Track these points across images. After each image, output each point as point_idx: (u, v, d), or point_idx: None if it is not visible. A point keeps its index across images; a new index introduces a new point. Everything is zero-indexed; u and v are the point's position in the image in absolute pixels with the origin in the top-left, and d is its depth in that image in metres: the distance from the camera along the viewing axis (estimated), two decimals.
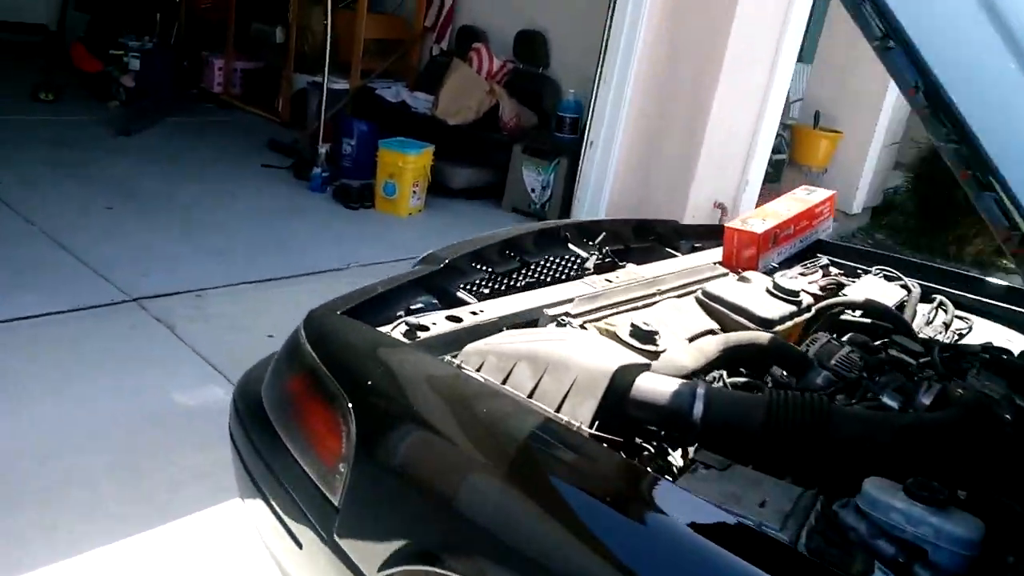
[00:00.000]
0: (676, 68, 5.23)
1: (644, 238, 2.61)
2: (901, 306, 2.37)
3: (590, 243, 2.36)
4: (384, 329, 1.63)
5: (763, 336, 1.79)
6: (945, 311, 2.39)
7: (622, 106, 5.32)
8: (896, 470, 1.34)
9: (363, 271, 4.60)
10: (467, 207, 6.09)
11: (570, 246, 2.33)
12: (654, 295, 2.07)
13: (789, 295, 2.14)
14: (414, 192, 5.70)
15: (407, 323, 1.61)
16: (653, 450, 1.46)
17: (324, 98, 6.03)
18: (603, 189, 5.55)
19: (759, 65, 5.32)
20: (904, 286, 2.50)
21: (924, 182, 7.56)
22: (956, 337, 2.30)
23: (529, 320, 1.82)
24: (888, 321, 2.15)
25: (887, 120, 7.34)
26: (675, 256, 2.56)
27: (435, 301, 1.87)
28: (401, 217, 5.65)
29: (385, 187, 5.65)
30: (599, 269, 2.24)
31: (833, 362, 1.81)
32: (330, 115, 6.14)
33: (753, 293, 2.13)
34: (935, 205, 7.38)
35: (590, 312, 1.87)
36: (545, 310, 1.81)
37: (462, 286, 1.98)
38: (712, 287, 2.12)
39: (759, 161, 5.70)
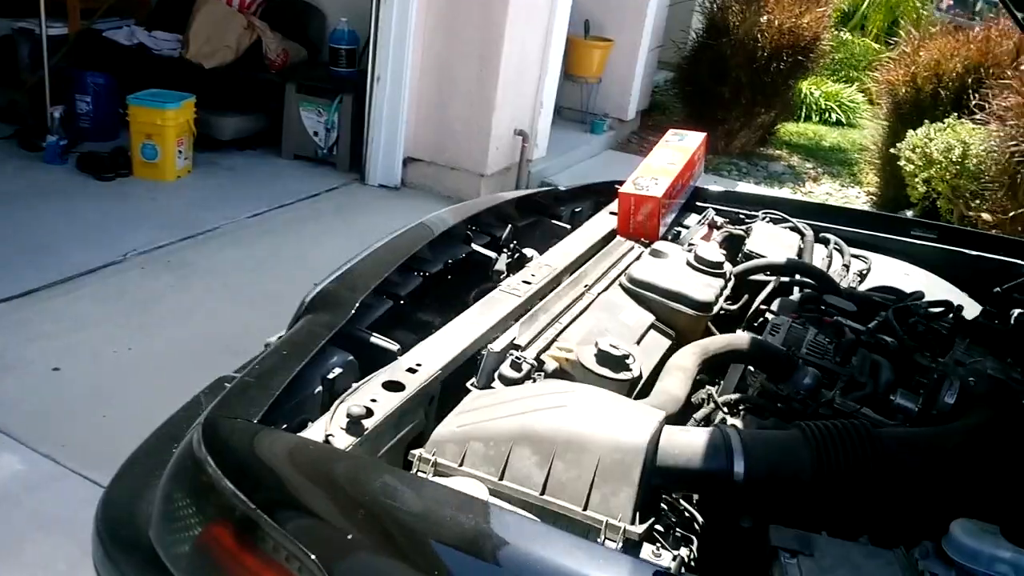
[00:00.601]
0: None
1: (527, 213, 2.30)
2: (799, 253, 2.27)
3: (494, 236, 2.03)
4: (317, 429, 1.22)
5: (740, 339, 1.58)
6: (841, 252, 2.32)
7: (407, 34, 4.86)
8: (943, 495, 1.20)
9: (149, 260, 3.90)
10: (242, 160, 5.39)
11: (473, 246, 1.97)
12: (583, 293, 1.79)
13: (713, 267, 1.95)
14: (179, 151, 4.93)
15: (348, 414, 1.22)
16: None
17: (45, 47, 4.99)
18: (398, 127, 5.11)
19: None
20: (794, 228, 2.41)
21: (687, 82, 7.77)
22: (858, 279, 2.24)
23: (473, 360, 1.48)
24: (812, 278, 2.03)
25: (652, 23, 7.39)
26: (566, 228, 2.30)
27: (350, 358, 1.46)
28: (168, 182, 4.88)
29: (143, 150, 4.83)
30: (510, 268, 1.91)
31: (804, 350, 1.65)
32: (50, 66, 5.10)
33: (676, 271, 1.92)
34: (699, 103, 7.64)
35: (536, 337, 1.56)
36: (490, 346, 1.48)
37: (370, 329, 1.58)
38: (636, 272, 1.88)
39: (551, 81, 5.50)
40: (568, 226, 2.33)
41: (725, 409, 1.47)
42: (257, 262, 4.06)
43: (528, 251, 2.02)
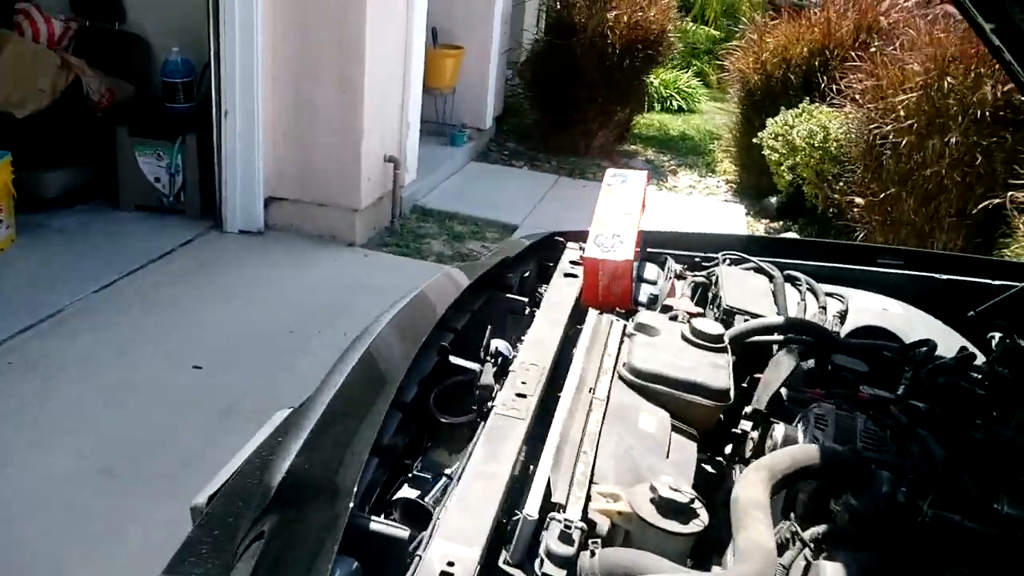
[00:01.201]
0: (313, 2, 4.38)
1: (479, 291, 1.97)
2: (775, 298, 2.07)
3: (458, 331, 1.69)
4: None
5: (807, 453, 1.32)
6: (814, 292, 2.13)
7: (255, 60, 4.36)
8: None
9: None
10: (75, 219, 4.70)
11: (452, 359, 1.62)
12: (591, 405, 1.49)
13: (714, 341, 1.70)
14: None
15: None
16: None
17: None
18: (254, 164, 4.60)
19: None
20: (758, 269, 2.21)
21: (539, 84, 7.59)
22: (838, 320, 2.06)
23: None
24: (811, 335, 1.82)
25: (499, 27, 7.16)
26: (522, 302, 1.99)
27: (355, 564, 1.10)
28: None
29: None
30: (497, 376, 1.58)
31: (859, 445, 1.43)
32: None
33: (677, 351, 1.66)
34: (553, 105, 7.48)
35: (570, 482, 1.26)
36: (525, 512, 1.16)
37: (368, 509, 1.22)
38: (638, 362, 1.61)
39: (415, 97, 5.15)
40: (524, 299, 2.02)
41: (812, 546, 1.22)
42: (120, 347, 3.49)
43: (500, 345, 1.70)
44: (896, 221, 5.45)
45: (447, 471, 1.44)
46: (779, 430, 1.48)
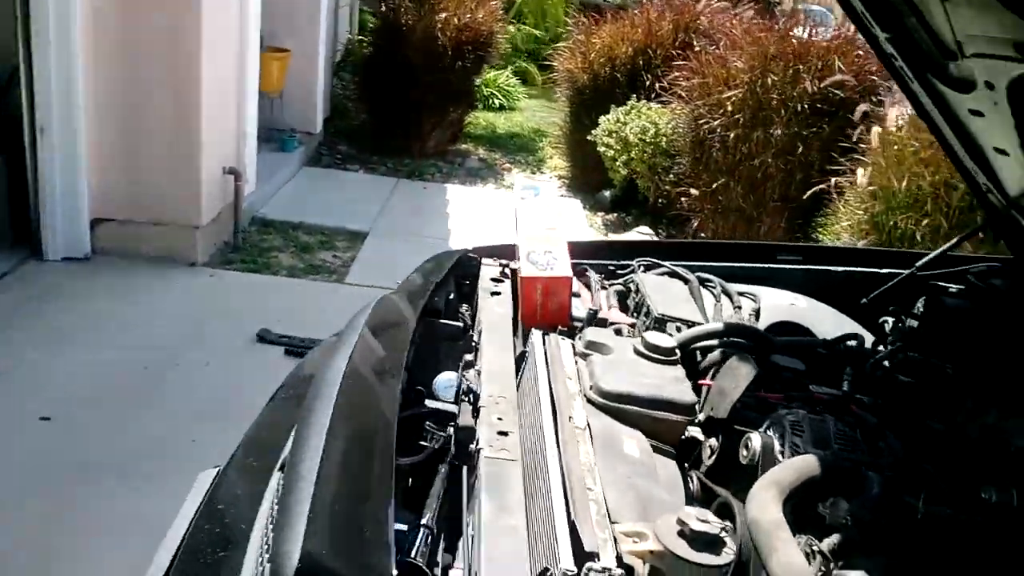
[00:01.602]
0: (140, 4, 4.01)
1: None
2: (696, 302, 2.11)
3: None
4: None
5: (809, 464, 1.34)
6: (728, 294, 2.19)
7: (73, 69, 3.93)
8: None
9: None
10: None
11: (428, 403, 1.50)
12: (575, 435, 1.44)
13: (667, 354, 1.70)
14: None
15: None
16: None
17: None
18: (77, 184, 4.16)
19: None
20: (672, 274, 2.23)
21: (369, 86, 7.40)
22: (753, 318, 2.12)
23: None
24: (747, 338, 1.86)
25: (326, 28, 6.91)
26: (458, 327, 1.90)
27: None
28: None
29: None
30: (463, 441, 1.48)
31: (836, 447, 1.46)
32: None
33: (637, 368, 1.65)
34: (384, 107, 7.31)
35: (592, 525, 1.20)
36: (561, 568, 1.10)
37: None
38: (605, 384, 1.58)
39: (252, 103, 4.85)
40: (459, 324, 1.93)
41: (831, 557, 1.24)
42: None
43: (471, 381, 1.61)
44: (726, 209, 5.78)
45: (423, 521, 1.34)
46: (756, 440, 1.48)
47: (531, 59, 10.90)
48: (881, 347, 1.88)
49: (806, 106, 5.26)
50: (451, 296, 2.06)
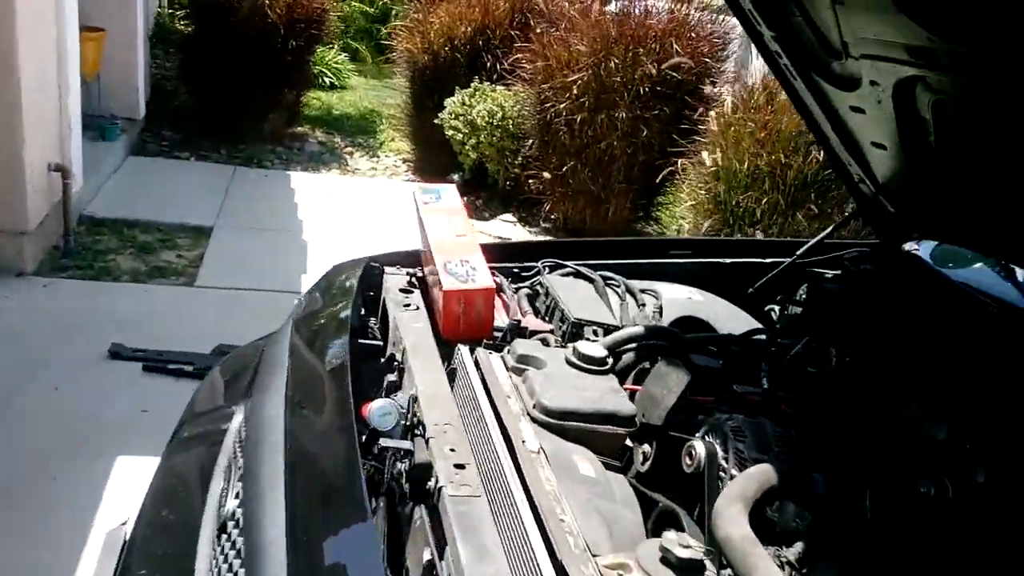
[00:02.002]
0: None
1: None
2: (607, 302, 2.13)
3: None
4: None
5: (766, 474, 1.37)
6: (632, 292, 2.22)
7: None
8: None
9: None
10: None
11: (383, 442, 1.40)
12: (533, 458, 1.41)
13: (600, 364, 1.70)
14: None
15: None
16: None
17: None
18: None
19: None
20: (577, 274, 2.24)
21: (195, 68, 6.92)
22: (658, 314, 2.17)
23: None
24: (667, 340, 1.90)
25: (143, 5, 6.38)
26: (379, 346, 1.82)
27: None
28: None
29: None
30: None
31: (776, 449, 1.52)
32: None
33: (572, 381, 1.64)
34: (211, 90, 6.86)
35: (576, 561, 1.18)
36: None
37: None
38: (548, 401, 1.56)
39: (75, 94, 4.42)
40: (378, 343, 1.84)
41: (797, 565, 1.28)
42: None
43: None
44: (575, 191, 5.90)
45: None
46: (700, 448, 1.52)
47: (360, 37, 10.61)
48: (789, 340, 1.96)
49: (647, 89, 5.43)
50: (362, 312, 1.96)
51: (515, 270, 2.24)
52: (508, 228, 5.86)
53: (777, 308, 2.40)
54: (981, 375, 1.74)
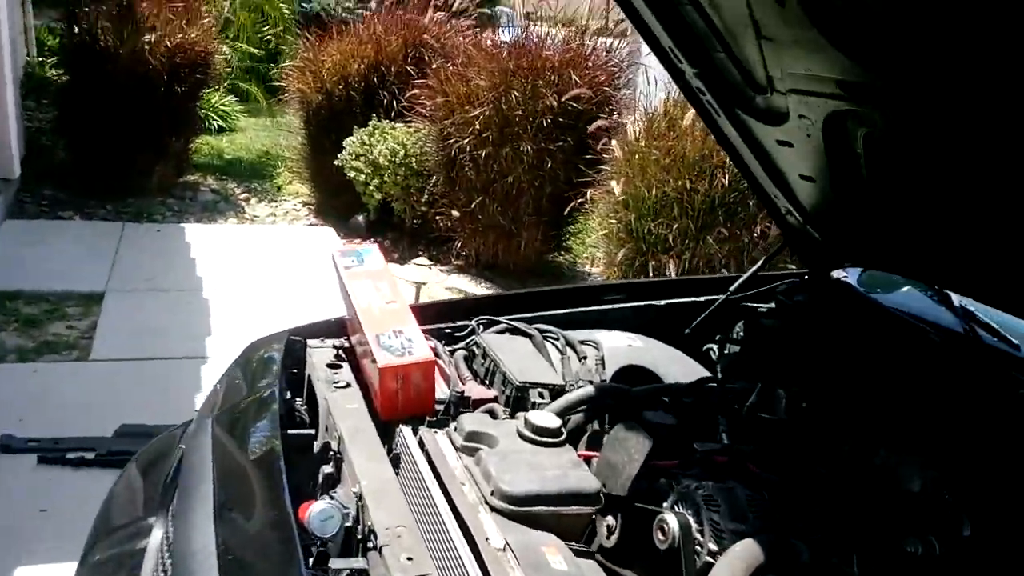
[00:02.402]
0: None
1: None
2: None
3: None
4: None
5: (754, 549, 1.29)
6: (571, 345, 2.12)
7: None
8: None
9: None
10: None
11: (333, 563, 1.25)
12: (500, 558, 1.28)
13: (555, 435, 1.59)
14: None
15: None
16: None
17: None
18: None
19: None
20: (513, 330, 2.13)
21: (72, 119, 6.52)
22: (600, 366, 2.08)
23: None
24: (614, 399, 1.81)
25: (9, 55, 5.99)
26: (311, 435, 1.65)
27: None
28: None
29: None
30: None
31: (751, 516, 1.44)
32: None
33: (529, 458, 1.52)
34: (90, 143, 6.46)
35: None
36: None
37: None
38: (510, 487, 1.43)
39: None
40: (310, 431, 1.67)
41: None
42: None
43: (375, 520, 1.38)
44: (486, 227, 5.81)
45: None
46: (672, 521, 1.42)
47: (249, 78, 10.30)
48: (739, 385, 1.89)
49: (549, 121, 5.41)
50: (288, 395, 1.79)
51: (447, 331, 2.12)
52: (424, 272, 5.70)
53: (716, 347, 2.35)
54: (937, 407, 1.71)
